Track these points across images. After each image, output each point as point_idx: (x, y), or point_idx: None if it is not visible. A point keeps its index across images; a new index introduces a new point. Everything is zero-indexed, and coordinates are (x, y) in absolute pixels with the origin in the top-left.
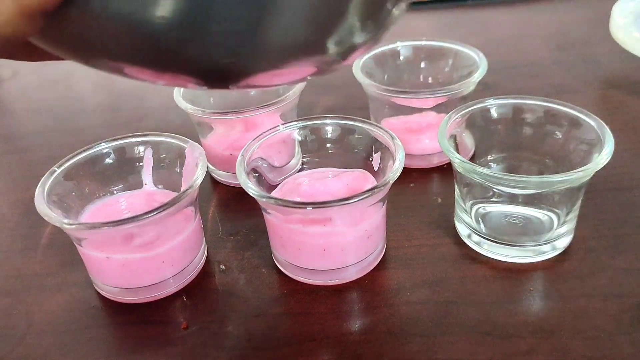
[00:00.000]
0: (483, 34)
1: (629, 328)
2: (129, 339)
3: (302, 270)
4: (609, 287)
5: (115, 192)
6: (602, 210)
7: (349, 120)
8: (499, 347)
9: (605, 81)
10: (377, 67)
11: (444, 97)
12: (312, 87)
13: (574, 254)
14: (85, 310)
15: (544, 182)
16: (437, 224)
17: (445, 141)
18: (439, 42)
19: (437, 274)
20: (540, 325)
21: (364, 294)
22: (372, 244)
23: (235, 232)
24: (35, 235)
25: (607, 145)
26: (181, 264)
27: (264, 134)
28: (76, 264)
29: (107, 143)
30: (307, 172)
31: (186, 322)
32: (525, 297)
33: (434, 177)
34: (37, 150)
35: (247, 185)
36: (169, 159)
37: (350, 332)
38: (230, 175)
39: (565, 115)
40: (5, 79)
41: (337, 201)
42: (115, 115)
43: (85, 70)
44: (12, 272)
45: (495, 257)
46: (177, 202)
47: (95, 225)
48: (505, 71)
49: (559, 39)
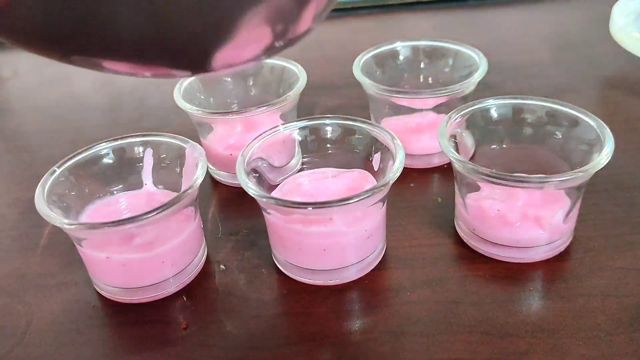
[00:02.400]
0: (483, 34)
1: (628, 328)
2: (129, 339)
3: (302, 270)
4: (609, 287)
5: (115, 192)
6: (602, 210)
7: (349, 120)
8: (499, 346)
9: (605, 81)
10: (377, 67)
11: (444, 97)
12: (312, 87)
13: (573, 254)
14: (85, 310)
15: (543, 182)
16: (437, 224)
17: (445, 141)
18: (439, 42)
19: (437, 274)
20: (540, 324)
21: (364, 294)
22: (372, 244)
23: (235, 232)
24: (35, 235)
25: (607, 145)
26: (181, 264)
27: (264, 134)
28: (76, 264)
29: (107, 143)
30: (307, 172)
31: (186, 322)
32: (524, 297)
33: (434, 177)
34: (37, 150)
35: (247, 185)
36: (169, 159)
37: (350, 332)
38: (230, 175)
39: (565, 115)
40: (6, 78)
41: (337, 201)
42: (115, 115)
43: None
44: (11, 272)
45: (495, 257)
46: (177, 202)
47: (95, 225)
48: (505, 71)
49: (559, 39)
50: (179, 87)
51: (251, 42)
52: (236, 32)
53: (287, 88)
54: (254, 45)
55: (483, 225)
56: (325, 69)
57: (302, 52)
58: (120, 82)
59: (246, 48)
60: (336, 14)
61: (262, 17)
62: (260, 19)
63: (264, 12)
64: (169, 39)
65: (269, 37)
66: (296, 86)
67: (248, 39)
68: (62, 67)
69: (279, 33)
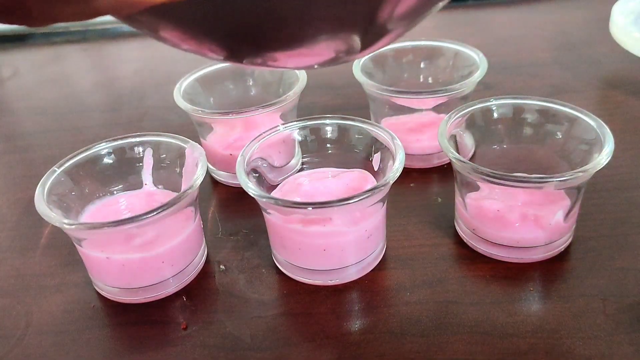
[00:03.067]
0: (483, 34)
1: (628, 328)
2: (129, 339)
3: (302, 270)
4: (609, 287)
5: (115, 192)
6: (602, 210)
7: (349, 120)
8: (499, 346)
9: (605, 81)
10: (377, 67)
11: (444, 97)
12: (312, 87)
13: (573, 254)
14: (85, 310)
15: (543, 182)
16: (437, 224)
17: (445, 141)
18: (439, 42)
19: (437, 274)
20: (540, 325)
21: (364, 294)
22: (372, 244)
23: (235, 232)
24: (35, 235)
25: (607, 145)
26: (181, 264)
27: (264, 134)
28: (76, 264)
29: (107, 143)
30: (307, 172)
31: (186, 322)
32: (524, 297)
33: (434, 177)
34: (37, 150)
35: (247, 185)
36: (169, 159)
37: (350, 332)
38: (230, 175)
39: (565, 115)
40: (6, 78)
41: (337, 201)
42: (115, 115)
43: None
44: (11, 272)
45: (495, 257)
46: (177, 202)
47: (96, 226)
48: (505, 71)
49: (559, 39)
50: (179, 87)
51: (302, 55)
52: (304, 42)
53: (287, 88)
54: (300, 59)
55: (483, 225)
56: (326, 69)
57: None
58: (120, 82)
59: (293, 58)
60: None
61: (332, 44)
62: (330, 44)
63: (335, 43)
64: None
65: (319, 58)
66: (296, 86)
67: (303, 52)
68: (62, 67)
69: (328, 60)
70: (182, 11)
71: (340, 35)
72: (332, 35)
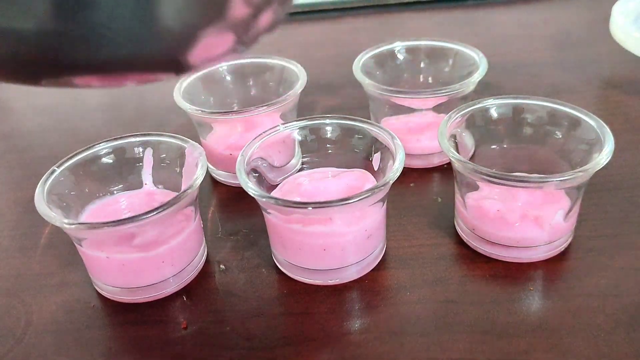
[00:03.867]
0: (483, 34)
1: (628, 327)
2: (129, 339)
3: (302, 270)
4: (608, 286)
5: (115, 192)
6: (602, 210)
7: (349, 120)
8: (499, 346)
9: (605, 81)
10: (377, 67)
11: (444, 97)
12: (312, 87)
13: (573, 254)
14: (85, 310)
15: (543, 182)
16: (437, 224)
17: (445, 141)
18: (439, 42)
19: (437, 273)
20: (540, 324)
21: (364, 294)
22: (372, 244)
23: (235, 232)
24: (35, 235)
25: (607, 145)
26: (181, 264)
27: (264, 134)
28: (76, 264)
29: (107, 143)
30: (307, 172)
31: (186, 322)
32: (524, 297)
33: (434, 177)
34: (37, 149)
35: (247, 185)
36: (169, 159)
37: (350, 332)
38: (230, 175)
39: (565, 115)
40: None
41: (337, 201)
42: (115, 115)
43: None
44: (11, 272)
45: (495, 257)
46: (177, 202)
47: (96, 225)
48: (505, 71)
49: (559, 39)
50: (179, 87)
51: (214, 46)
52: (198, 40)
53: (287, 88)
54: (218, 48)
55: (483, 225)
56: (325, 69)
57: (302, 52)
58: None
59: (212, 50)
60: (336, 14)
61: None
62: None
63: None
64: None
65: (230, 41)
66: (296, 86)
67: (211, 44)
68: None
69: (239, 39)
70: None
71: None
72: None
